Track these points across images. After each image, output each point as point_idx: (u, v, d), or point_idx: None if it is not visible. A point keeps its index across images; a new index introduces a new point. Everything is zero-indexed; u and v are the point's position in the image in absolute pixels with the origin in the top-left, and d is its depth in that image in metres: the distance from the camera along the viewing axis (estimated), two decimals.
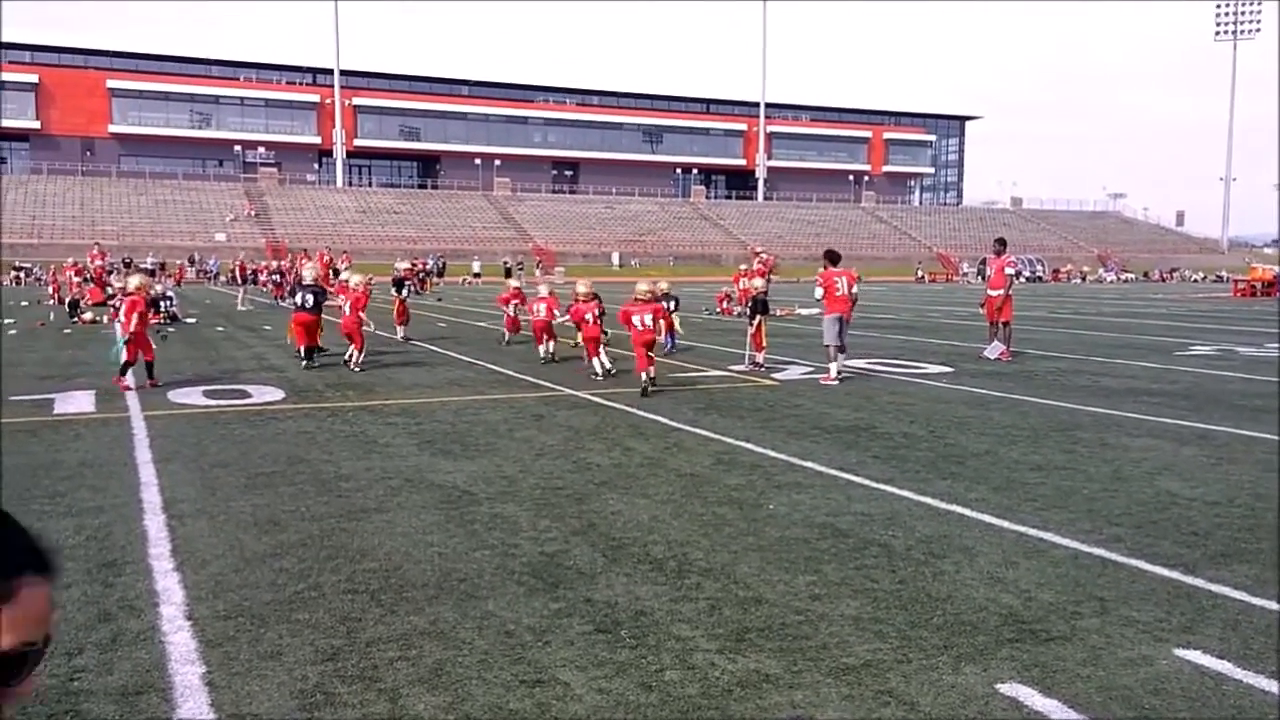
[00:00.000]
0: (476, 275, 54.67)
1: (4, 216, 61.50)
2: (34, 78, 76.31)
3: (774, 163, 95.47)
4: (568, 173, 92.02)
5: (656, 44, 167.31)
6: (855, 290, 12.19)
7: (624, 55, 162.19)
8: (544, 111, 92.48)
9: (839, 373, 11.75)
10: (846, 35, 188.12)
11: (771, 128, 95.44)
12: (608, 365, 12.08)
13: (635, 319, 10.99)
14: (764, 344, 13.09)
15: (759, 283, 13.81)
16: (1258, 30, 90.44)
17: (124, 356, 11.04)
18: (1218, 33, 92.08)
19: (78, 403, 9.82)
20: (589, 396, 10.54)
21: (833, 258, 12.26)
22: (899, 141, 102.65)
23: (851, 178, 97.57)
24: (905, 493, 6.29)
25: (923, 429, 8.67)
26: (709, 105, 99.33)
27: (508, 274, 37.34)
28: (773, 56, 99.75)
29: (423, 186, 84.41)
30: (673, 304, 14.91)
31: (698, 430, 8.57)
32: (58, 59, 78.59)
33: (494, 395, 10.71)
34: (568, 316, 13.14)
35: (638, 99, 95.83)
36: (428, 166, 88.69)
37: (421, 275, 39.64)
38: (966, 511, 5.83)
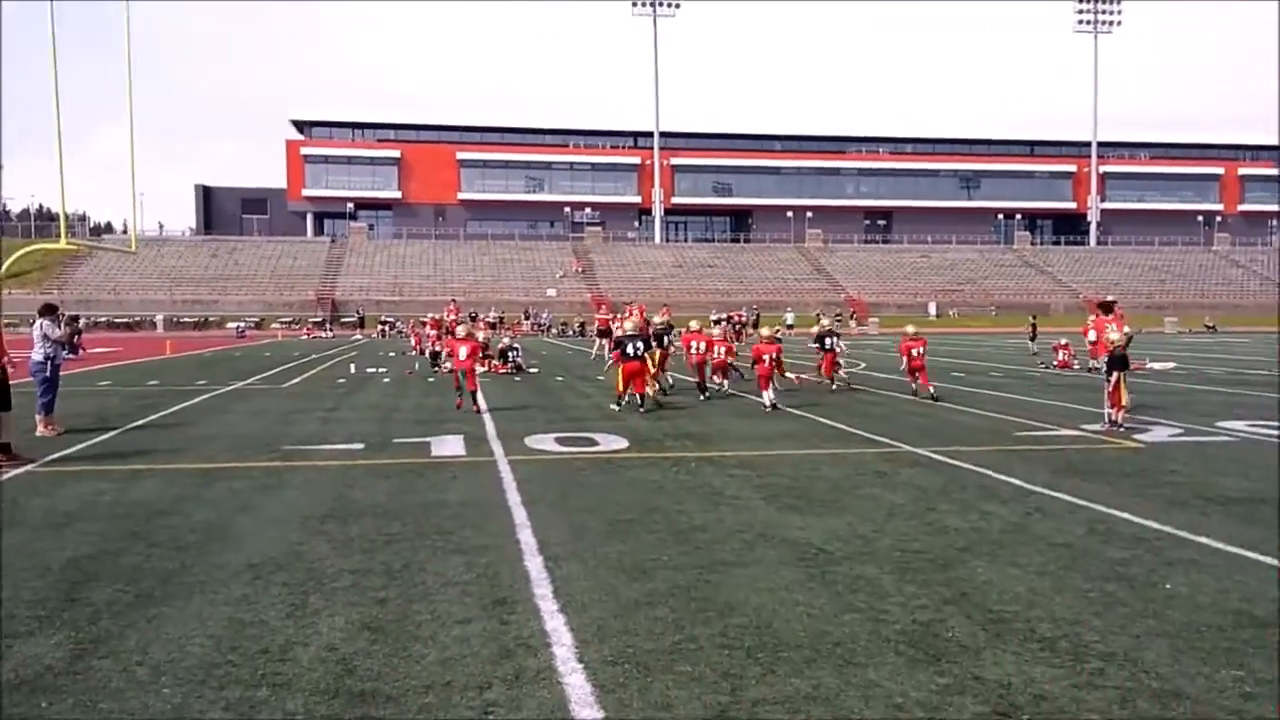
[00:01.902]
0: (790, 327, 54.78)
1: (373, 276, 69.60)
2: (397, 154, 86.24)
3: (1109, 204, 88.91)
4: (880, 222, 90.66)
5: (973, 87, 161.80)
6: (1126, 333, 13.16)
7: (939, 101, 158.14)
8: (856, 162, 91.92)
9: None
10: (1189, 63, 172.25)
11: (1105, 168, 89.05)
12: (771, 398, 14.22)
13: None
14: (1124, 402, 12.01)
15: (1116, 335, 12.70)
16: None
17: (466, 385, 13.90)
18: None
19: (450, 447, 10.75)
20: (929, 454, 10.12)
21: (1105, 308, 14.99)
22: (1258, 178, 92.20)
23: (1201, 218, 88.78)
24: None
25: None
26: (1033, 147, 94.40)
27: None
28: (1105, 92, 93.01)
29: (735, 240, 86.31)
30: (836, 342, 17.21)
31: (1059, 495, 7.95)
32: (416, 135, 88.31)
33: (830, 449, 10.56)
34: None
35: (954, 144, 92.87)
36: (740, 220, 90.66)
37: (737, 326, 40.29)
38: None
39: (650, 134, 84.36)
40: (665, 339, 17.37)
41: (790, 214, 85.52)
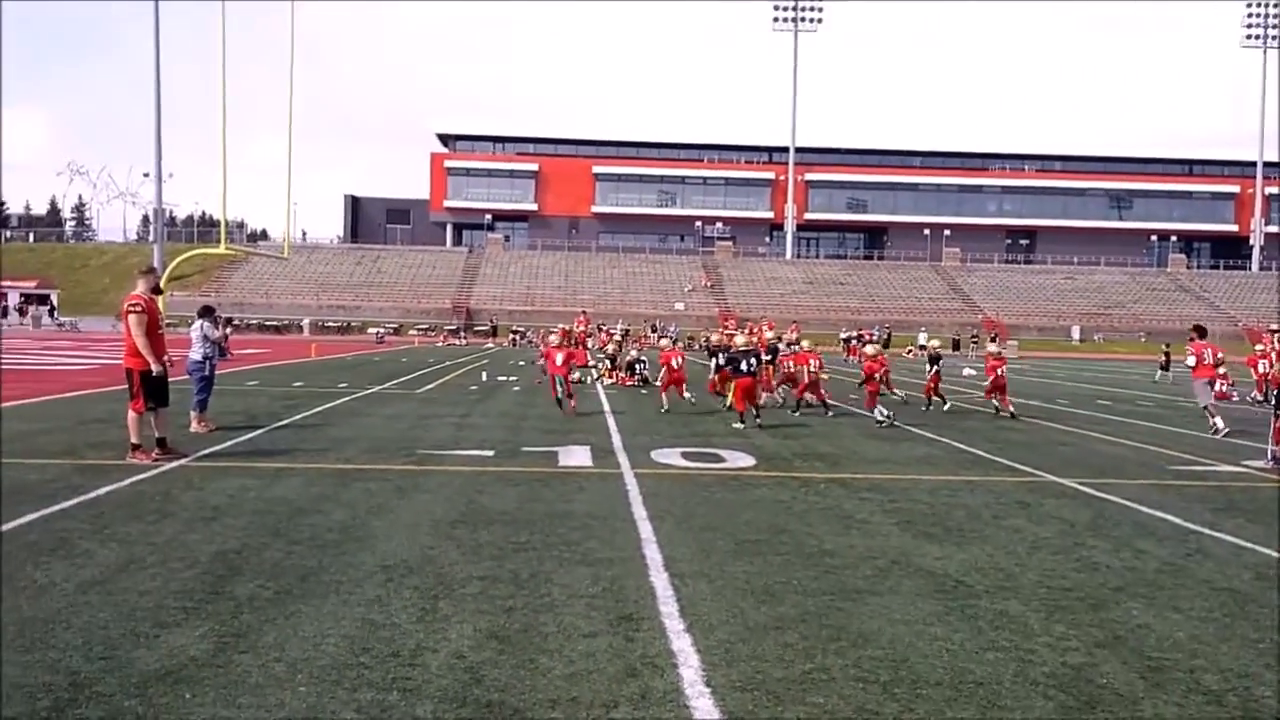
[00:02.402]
0: (922, 347, 53.39)
1: (506, 286, 71.11)
2: (535, 166, 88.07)
3: (1274, 228, 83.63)
4: (1023, 241, 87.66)
5: (1127, 102, 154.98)
6: (1220, 357, 15.63)
7: (1089, 116, 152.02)
8: (999, 179, 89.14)
9: (1224, 426, 14.31)
10: None
11: (1272, 189, 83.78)
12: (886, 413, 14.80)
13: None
14: None
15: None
16: None
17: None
18: None
19: (577, 457, 10.80)
20: (1076, 485, 9.62)
21: (1201, 332, 15.64)
22: None
23: None
24: None
25: None
26: (1191, 166, 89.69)
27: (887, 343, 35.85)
28: (1274, 108, 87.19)
29: (869, 257, 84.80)
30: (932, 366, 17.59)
31: (1221, 535, 7.41)
32: (554, 149, 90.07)
33: (968, 476, 10.15)
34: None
35: (1105, 162, 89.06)
36: (875, 237, 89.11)
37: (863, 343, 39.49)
38: None
39: (785, 149, 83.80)
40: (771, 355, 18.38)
41: (927, 232, 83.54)
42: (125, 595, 5.15)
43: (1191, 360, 15.30)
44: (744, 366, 14.15)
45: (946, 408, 17.33)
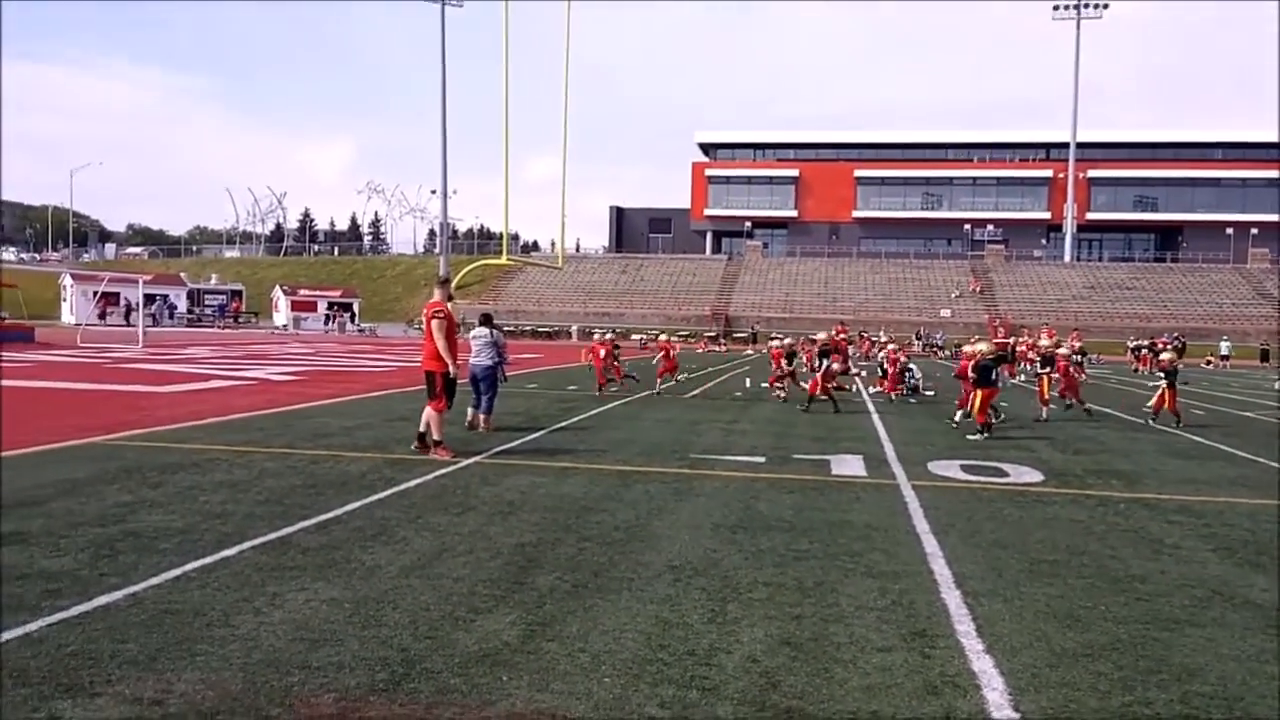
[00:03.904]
0: (1224, 358, 48.51)
1: (765, 293, 71.20)
2: (795, 173, 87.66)
3: None
4: None
5: None
6: None
7: None
8: None
9: None
10: None
11: None
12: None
13: None
14: None
15: None
16: None
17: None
18: None
19: (851, 466, 10.62)
20: None
21: None
22: None
23: None
24: None
25: None
26: None
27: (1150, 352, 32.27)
28: None
29: (1160, 260, 77.97)
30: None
31: None
32: (814, 154, 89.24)
33: None
34: None
35: None
36: (1167, 238, 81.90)
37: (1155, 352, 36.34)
38: None
39: (1064, 145, 78.61)
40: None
41: (1230, 231, 75.80)
42: (441, 580, 5.58)
43: None
44: (994, 375, 13.63)
45: (1177, 426, 15.81)
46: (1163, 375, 16.54)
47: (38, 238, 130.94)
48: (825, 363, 17.43)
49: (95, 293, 59.01)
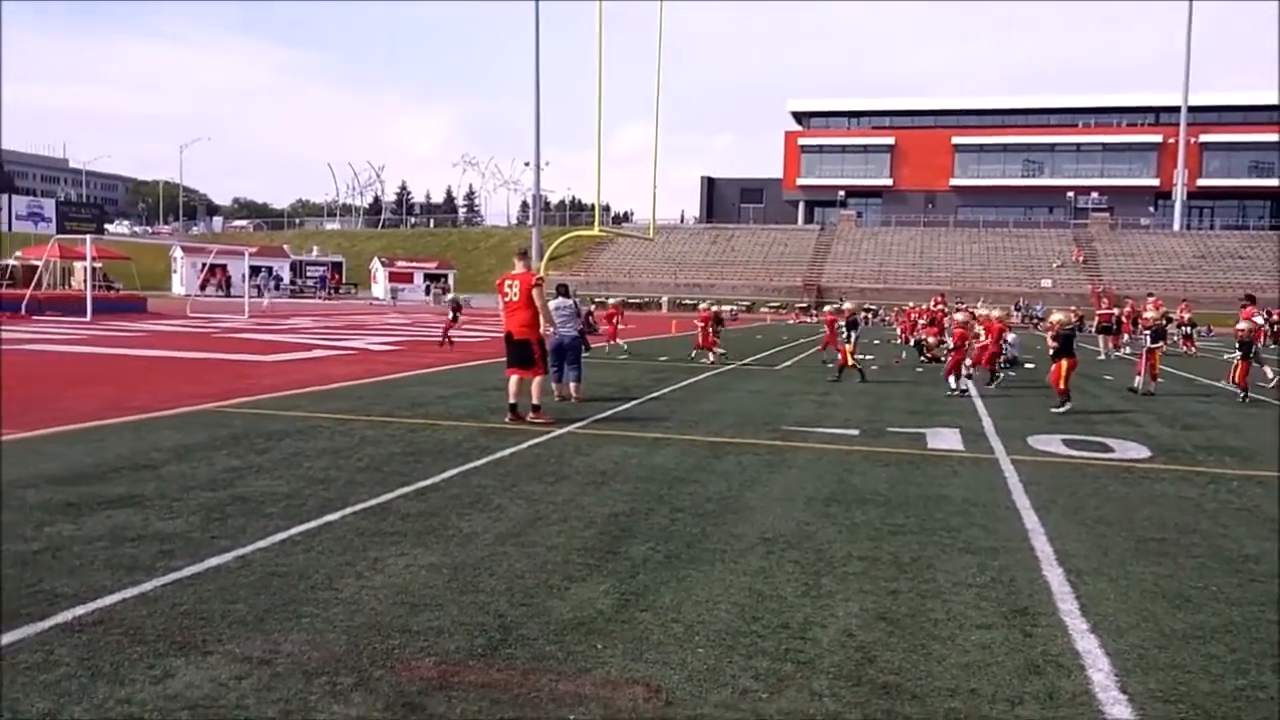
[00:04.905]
0: None
1: (858, 263, 70.08)
2: (890, 140, 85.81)
3: None
4: None
5: None
6: None
7: None
8: None
9: None
10: None
11: None
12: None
13: None
14: None
15: None
16: None
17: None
18: None
19: (947, 440, 10.41)
20: None
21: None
22: None
23: None
24: None
25: None
26: None
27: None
28: None
29: (1276, 228, 74.16)
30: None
31: None
32: (911, 122, 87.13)
33: None
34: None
35: None
36: None
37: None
38: None
39: (1175, 109, 75.14)
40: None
41: None
42: (535, 549, 5.65)
43: None
44: (1073, 347, 13.28)
45: (1242, 399, 15.16)
46: (1238, 347, 15.71)
47: (149, 212, 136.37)
48: (853, 334, 17.21)
49: (203, 265, 61.19)
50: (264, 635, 4.17)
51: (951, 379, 15.16)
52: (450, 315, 25.03)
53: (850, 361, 16.98)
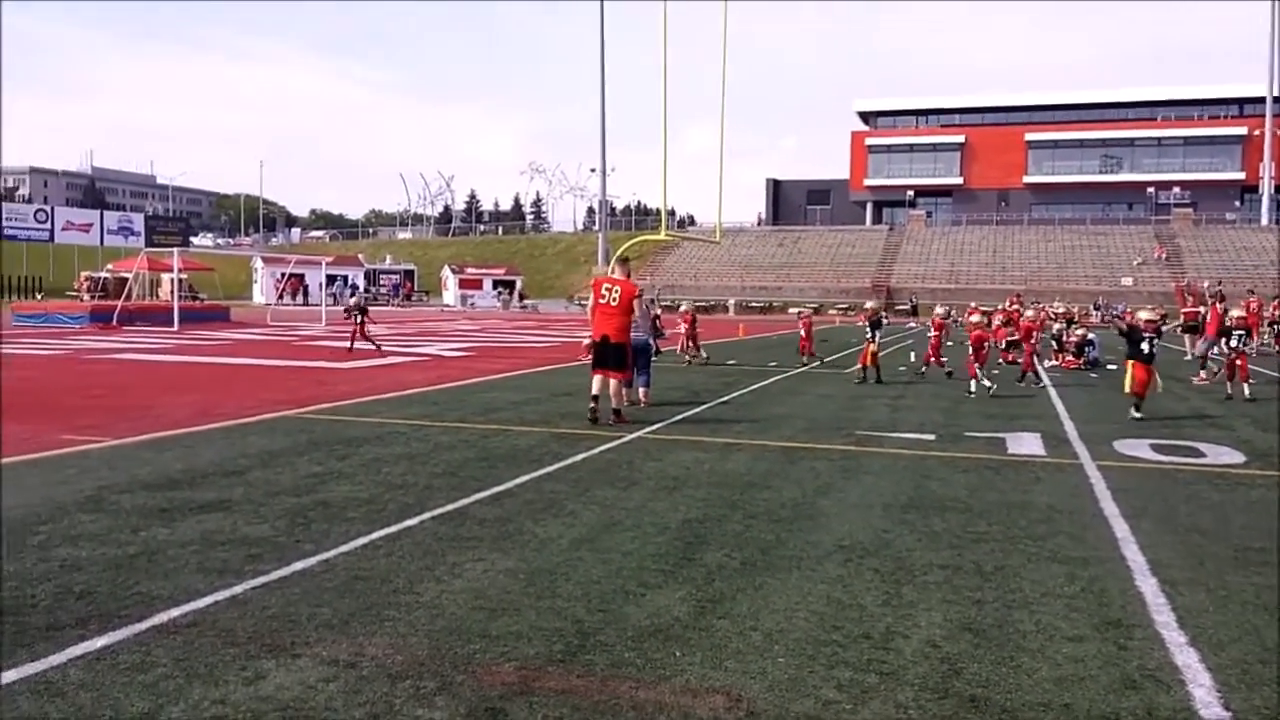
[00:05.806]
0: None
1: (928, 264, 68.99)
2: (961, 139, 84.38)
3: None
4: None
5: None
6: None
7: None
8: None
9: None
10: None
11: None
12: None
13: None
14: None
15: None
16: None
17: None
18: None
19: (1028, 445, 10.17)
20: None
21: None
22: None
23: None
24: None
25: None
26: None
27: None
28: None
29: None
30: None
31: None
32: (981, 119, 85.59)
33: None
34: None
35: None
36: None
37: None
38: None
39: (1260, 100, 72.60)
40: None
41: None
42: (610, 555, 5.64)
43: None
44: (1146, 349, 12.33)
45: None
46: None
47: (231, 224, 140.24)
48: (877, 333, 16.97)
49: (283, 275, 62.64)
50: (349, 638, 4.23)
51: (973, 382, 14.97)
52: (356, 319, 22.70)
53: (871, 361, 16.81)
